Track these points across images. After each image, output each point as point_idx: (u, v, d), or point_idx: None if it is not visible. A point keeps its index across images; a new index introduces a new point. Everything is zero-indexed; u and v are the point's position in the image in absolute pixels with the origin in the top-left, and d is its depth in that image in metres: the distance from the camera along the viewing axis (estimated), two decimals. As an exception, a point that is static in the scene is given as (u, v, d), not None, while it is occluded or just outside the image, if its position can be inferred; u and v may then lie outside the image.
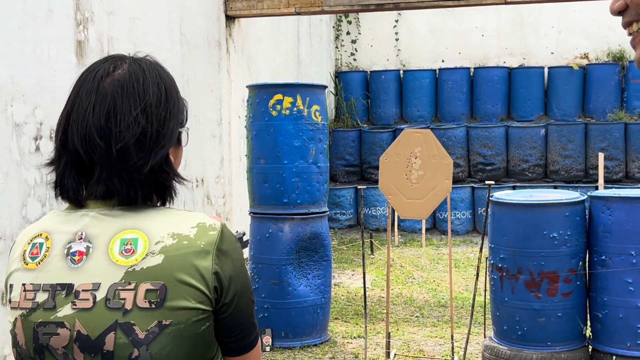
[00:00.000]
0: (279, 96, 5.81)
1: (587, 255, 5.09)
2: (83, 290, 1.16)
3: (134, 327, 1.12)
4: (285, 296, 5.89)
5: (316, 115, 5.94)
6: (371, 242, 6.75)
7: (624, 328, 4.80)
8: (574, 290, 4.92)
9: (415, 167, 5.28)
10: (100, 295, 1.14)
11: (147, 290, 1.12)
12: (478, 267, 5.56)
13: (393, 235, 8.61)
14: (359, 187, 8.04)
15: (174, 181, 1.26)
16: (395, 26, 13.67)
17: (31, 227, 1.32)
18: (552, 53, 13.15)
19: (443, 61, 13.47)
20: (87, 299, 1.15)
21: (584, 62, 12.79)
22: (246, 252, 5.69)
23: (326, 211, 6.27)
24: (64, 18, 5.86)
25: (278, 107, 5.84)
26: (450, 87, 12.55)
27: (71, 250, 1.19)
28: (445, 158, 5.21)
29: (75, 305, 1.14)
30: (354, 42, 14.09)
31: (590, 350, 5.09)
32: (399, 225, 10.74)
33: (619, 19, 1.01)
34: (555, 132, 11.57)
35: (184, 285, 1.13)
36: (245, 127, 6.49)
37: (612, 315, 4.87)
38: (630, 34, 0.92)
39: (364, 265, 6.31)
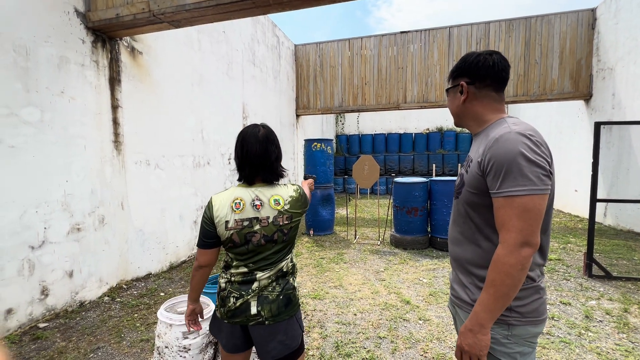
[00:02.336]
0: (315, 143, 6.10)
1: (429, 201, 5.29)
2: (262, 219, 1.27)
3: (284, 229, 1.30)
4: (318, 216, 6.00)
5: (329, 150, 6.15)
6: (349, 197, 6.92)
7: (441, 227, 5.05)
8: (424, 214, 5.17)
9: (366, 169, 5.49)
10: (269, 220, 1.28)
11: (286, 217, 1.30)
12: (389, 206, 5.76)
13: (356, 194, 8.62)
14: (345, 177, 8.69)
15: (284, 173, 1.39)
16: (358, 117, 14.69)
17: (227, 195, 1.29)
18: (416, 127, 14.11)
19: (375, 131, 14.42)
20: (265, 222, 1.28)
21: (427, 131, 13.77)
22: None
23: (332, 185, 6.24)
24: (239, 115, 6.12)
25: (315, 147, 6.11)
26: (378, 140, 13.51)
27: (254, 204, 1.28)
28: (376, 166, 5.47)
29: (260, 225, 1.27)
30: (342, 123, 15.04)
31: (429, 236, 5.26)
32: (359, 190, 11.91)
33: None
34: (417, 157, 12.71)
35: (296, 213, 1.33)
36: (303, 154, 6.75)
37: (437, 223, 5.11)
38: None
39: (346, 206, 6.72)
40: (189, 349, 1.86)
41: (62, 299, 3.10)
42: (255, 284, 1.31)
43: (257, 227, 1.28)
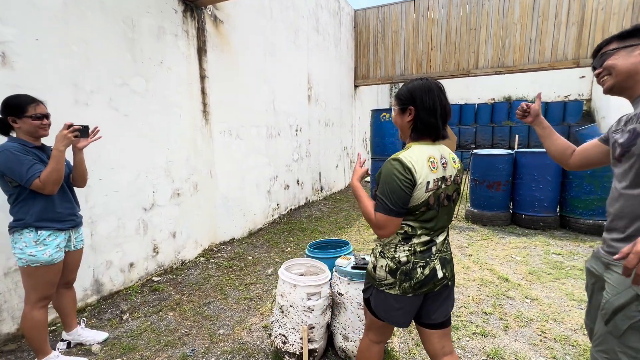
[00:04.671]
0: (384, 113, 5.70)
1: (513, 175, 4.83)
2: (447, 178, 1.24)
3: (459, 189, 1.32)
4: None
5: None
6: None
7: (527, 203, 4.65)
8: (507, 189, 4.79)
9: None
10: (452, 179, 1.26)
11: (460, 177, 1.31)
12: (465, 180, 5.71)
13: None
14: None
15: None
16: None
17: (419, 153, 1.18)
18: (479, 98, 12.88)
19: None
20: (449, 181, 1.25)
21: (492, 101, 12.54)
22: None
23: None
24: (304, 86, 6.09)
25: (384, 117, 5.72)
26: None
27: (442, 162, 1.23)
28: (453, 136, 4.94)
29: (445, 184, 1.23)
30: None
31: (511, 212, 4.89)
32: None
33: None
34: (479, 130, 11.56)
35: (460, 173, 1.33)
36: (370, 125, 6.07)
37: (523, 199, 4.70)
38: (598, 80, 1.20)
39: None
40: (313, 310, 1.89)
41: (168, 257, 3.39)
42: (434, 248, 1.27)
43: (443, 186, 1.24)
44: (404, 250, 1.25)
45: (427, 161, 1.19)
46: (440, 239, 1.28)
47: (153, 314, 2.58)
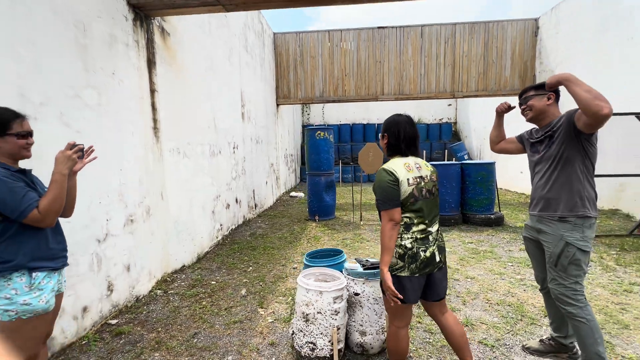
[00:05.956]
0: (319, 131, 6.27)
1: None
2: (425, 177, 1.59)
3: (435, 185, 1.65)
4: (322, 202, 6.25)
5: (331, 138, 6.39)
6: (352, 187, 7.51)
7: (440, 206, 6.15)
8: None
9: (370, 155, 5.77)
10: (428, 177, 1.61)
11: (434, 176, 1.66)
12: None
13: (360, 181, 8.76)
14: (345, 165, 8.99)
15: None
16: (323, 107, 15.10)
17: (396, 162, 1.58)
18: (378, 118, 14.57)
19: (340, 121, 15.10)
20: (427, 179, 1.58)
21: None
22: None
23: (334, 172, 6.50)
24: (238, 103, 6.17)
25: (319, 135, 6.27)
26: (344, 130, 13.99)
27: (416, 166, 1.62)
28: (380, 153, 5.68)
29: (424, 181, 1.58)
30: (308, 114, 15.33)
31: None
32: (363, 177, 12.43)
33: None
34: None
35: (434, 173, 1.68)
36: (305, 142, 6.49)
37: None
38: (522, 112, 1.95)
39: (352, 194, 7.65)
40: (338, 312, 2.07)
41: (123, 295, 2.94)
42: (431, 237, 1.62)
43: (422, 183, 1.60)
44: (408, 238, 1.58)
45: (402, 165, 1.59)
46: (434, 228, 1.64)
47: (134, 359, 2.25)
